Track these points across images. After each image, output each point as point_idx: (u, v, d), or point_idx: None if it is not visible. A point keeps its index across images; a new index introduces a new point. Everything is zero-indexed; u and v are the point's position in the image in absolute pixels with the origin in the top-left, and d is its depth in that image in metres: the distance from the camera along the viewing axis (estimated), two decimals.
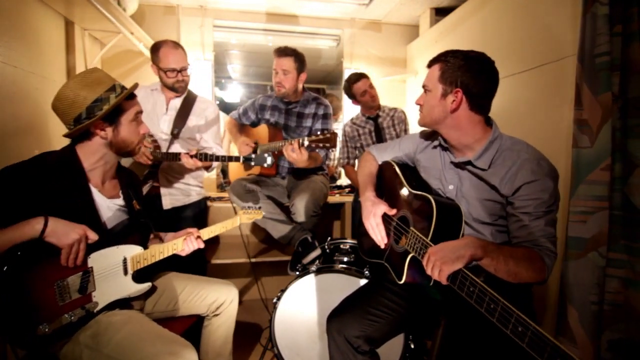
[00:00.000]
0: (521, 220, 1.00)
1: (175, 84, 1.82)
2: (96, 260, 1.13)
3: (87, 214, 1.13)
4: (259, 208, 1.58)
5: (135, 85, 1.21)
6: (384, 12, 2.97)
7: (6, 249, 0.96)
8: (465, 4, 2.31)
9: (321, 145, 1.61)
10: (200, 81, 2.81)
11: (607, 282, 1.30)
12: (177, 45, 1.81)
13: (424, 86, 1.14)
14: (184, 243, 1.32)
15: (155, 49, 1.79)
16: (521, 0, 1.82)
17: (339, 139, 2.51)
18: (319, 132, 1.65)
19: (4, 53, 1.64)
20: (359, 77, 2.35)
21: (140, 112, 1.23)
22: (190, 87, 1.98)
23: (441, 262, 0.89)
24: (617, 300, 1.29)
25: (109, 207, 1.22)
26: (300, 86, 2.07)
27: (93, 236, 1.08)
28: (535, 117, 1.69)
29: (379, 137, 2.44)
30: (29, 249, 0.99)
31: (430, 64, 1.12)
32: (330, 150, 2.18)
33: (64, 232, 1.02)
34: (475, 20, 2.22)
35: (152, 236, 1.41)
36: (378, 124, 2.44)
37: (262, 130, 2.15)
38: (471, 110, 1.06)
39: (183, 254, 1.34)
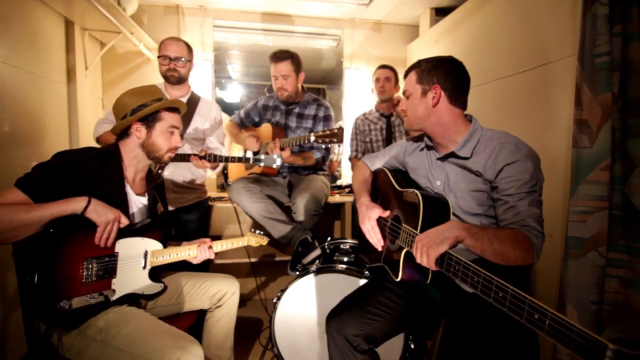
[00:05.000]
0: (506, 202, 1.03)
1: (167, 72, 1.82)
2: (122, 246, 1.21)
3: (120, 203, 1.22)
4: (263, 234, 1.64)
5: (178, 102, 1.34)
6: (384, 12, 2.97)
7: (50, 219, 1.05)
8: (465, 4, 2.31)
9: (328, 140, 1.64)
10: (200, 81, 2.81)
11: (607, 282, 1.30)
12: (179, 39, 1.86)
13: (404, 92, 1.23)
14: (198, 250, 1.38)
15: (161, 42, 1.85)
16: (521, 0, 1.83)
17: (349, 132, 2.54)
18: (327, 130, 1.66)
19: (4, 53, 1.65)
20: (383, 66, 2.46)
21: (177, 127, 1.33)
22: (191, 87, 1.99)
23: (427, 247, 0.92)
24: (617, 299, 1.30)
25: (136, 203, 1.31)
26: (299, 86, 2.08)
27: (125, 220, 1.18)
28: (535, 117, 1.69)
29: (389, 134, 2.46)
30: (64, 224, 1.08)
31: (406, 74, 1.23)
32: (338, 145, 2.19)
33: (103, 211, 1.12)
34: (475, 20, 2.22)
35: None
36: (390, 122, 2.46)
37: (266, 129, 2.16)
38: (450, 104, 1.14)
39: (195, 261, 1.40)
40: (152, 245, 1.29)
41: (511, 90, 1.85)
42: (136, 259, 1.25)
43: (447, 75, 1.13)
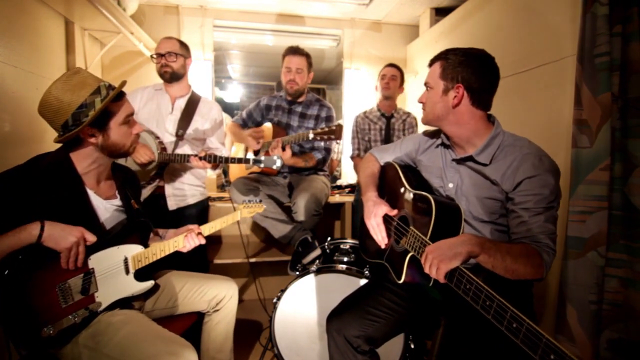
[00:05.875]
0: (521, 216, 1.00)
1: (161, 69, 1.83)
2: (97, 261, 1.13)
3: (85, 217, 1.13)
4: (260, 202, 1.56)
5: (122, 84, 1.15)
6: (384, 12, 2.97)
7: (4, 255, 0.95)
8: (465, 4, 2.31)
9: (326, 137, 1.65)
10: (200, 81, 2.81)
11: (606, 282, 1.30)
12: (171, 37, 1.87)
13: (426, 84, 1.15)
14: (184, 240, 1.31)
15: None
16: (521, 0, 1.83)
17: (349, 131, 2.54)
18: (325, 128, 1.67)
19: (4, 53, 1.65)
20: (392, 65, 2.47)
21: (131, 113, 1.19)
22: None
23: (439, 260, 0.89)
24: (616, 299, 1.30)
25: (106, 208, 1.22)
26: (306, 85, 2.10)
27: (91, 238, 1.07)
28: (535, 117, 1.69)
29: (388, 136, 2.46)
30: (29, 253, 0.99)
31: (431, 63, 1.14)
32: (336, 142, 2.19)
33: (61, 236, 1.01)
34: (475, 20, 2.22)
35: (152, 234, 1.40)
36: (390, 123, 2.46)
37: (266, 128, 2.17)
38: (472, 106, 1.07)
39: (184, 250, 1.33)
40: (131, 250, 1.20)
41: (511, 90, 1.85)
42: (116, 268, 1.17)
43: (473, 73, 1.04)
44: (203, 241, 1.36)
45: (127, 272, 1.20)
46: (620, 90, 1.29)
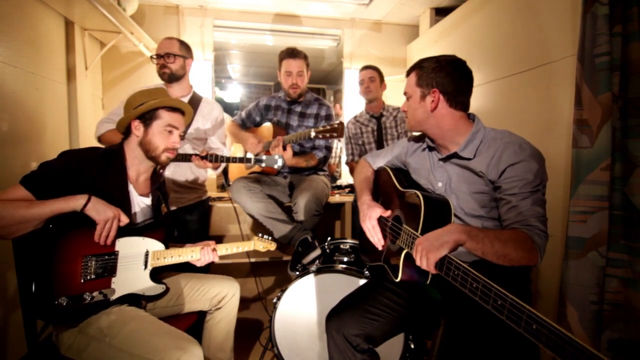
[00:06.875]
0: (509, 201, 1.02)
1: (160, 70, 1.83)
2: (123, 245, 1.22)
3: (121, 202, 1.23)
4: (274, 240, 1.61)
5: (179, 102, 1.32)
6: (384, 12, 2.97)
7: (51, 216, 1.07)
8: (465, 4, 2.31)
9: (328, 135, 1.65)
10: (200, 81, 2.81)
11: (607, 282, 1.30)
12: (172, 37, 1.87)
13: (405, 93, 1.22)
14: (201, 252, 1.36)
15: None
16: (521, 0, 1.83)
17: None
18: (327, 126, 1.67)
19: (4, 53, 1.65)
20: (366, 67, 2.45)
21: (176, 127, 1.31)
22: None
23: (427, 251, 0.91)
24: (617, 300, 1.30)
25: (139, 203, 1.32)
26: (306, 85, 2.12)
27: (125, 219, 1.19)
28: (535, 117, 1.69)
29: (381, 136, 2.45)
30: (64, 221, 1.10)
31: (407, 73, 1.21)
32: (337, 141, 2.18)
33: (102, 209, 1.14)
34: (475, 20, 2.22)
35: (172, 242, 1.45)
36: (381, 123, 2.45)
37: (266, 129, 2.17)
38: (450, 107, 1.13)
39: (198, 264, 1.39)
40: (153, 245, 1.29)
41: (511, 90, 1.85)
42: (137, 259, 1.25)
43: (446, 77, 1.10)
44: (217, 259, 1.40)
45: (145, 266, 1.27)
46: (621, 90, 1.29)
